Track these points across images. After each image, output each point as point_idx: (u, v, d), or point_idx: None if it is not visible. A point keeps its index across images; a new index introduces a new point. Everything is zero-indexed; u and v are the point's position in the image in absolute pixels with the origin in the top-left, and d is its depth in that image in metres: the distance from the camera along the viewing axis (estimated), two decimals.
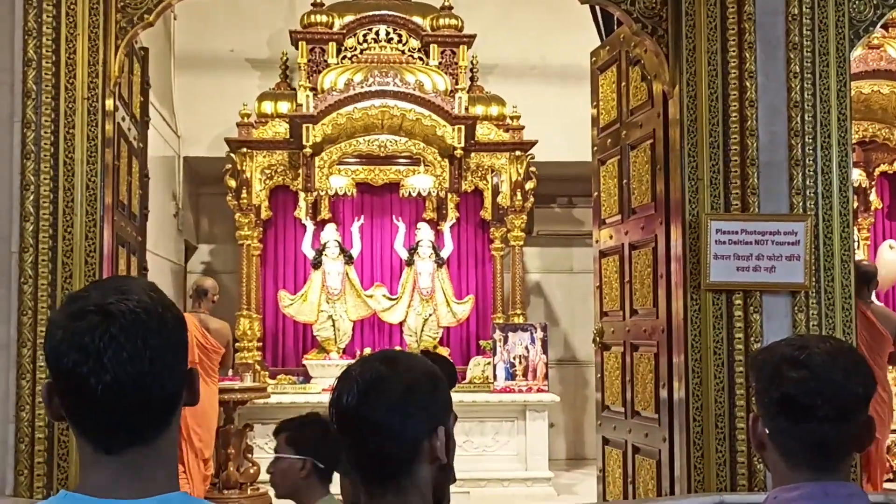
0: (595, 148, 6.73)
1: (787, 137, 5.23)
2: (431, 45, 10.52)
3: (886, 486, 7.50)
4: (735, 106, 5.21)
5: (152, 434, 1.42)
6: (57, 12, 5.02)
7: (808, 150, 5.23)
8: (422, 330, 10.39)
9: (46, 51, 5.01)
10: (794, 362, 1.85)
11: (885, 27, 9.22)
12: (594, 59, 6.76)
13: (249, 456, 8.62)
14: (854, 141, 6.32)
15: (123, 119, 5.74)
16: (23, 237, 4.96)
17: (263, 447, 9.22)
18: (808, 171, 5.23)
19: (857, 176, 10.28)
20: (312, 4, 10.50)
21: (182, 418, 1.55)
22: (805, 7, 5.27)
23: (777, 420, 1.87)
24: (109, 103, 5.20)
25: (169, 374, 1.42)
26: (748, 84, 5.21)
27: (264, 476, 8.62)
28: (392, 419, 1.69)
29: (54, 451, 4.91)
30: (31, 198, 4.96)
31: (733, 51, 5.23)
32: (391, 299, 10.60)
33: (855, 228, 7.25)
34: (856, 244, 7.83)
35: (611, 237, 6.46)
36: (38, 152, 4.97)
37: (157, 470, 1.42)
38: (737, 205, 5.19)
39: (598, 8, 6.50)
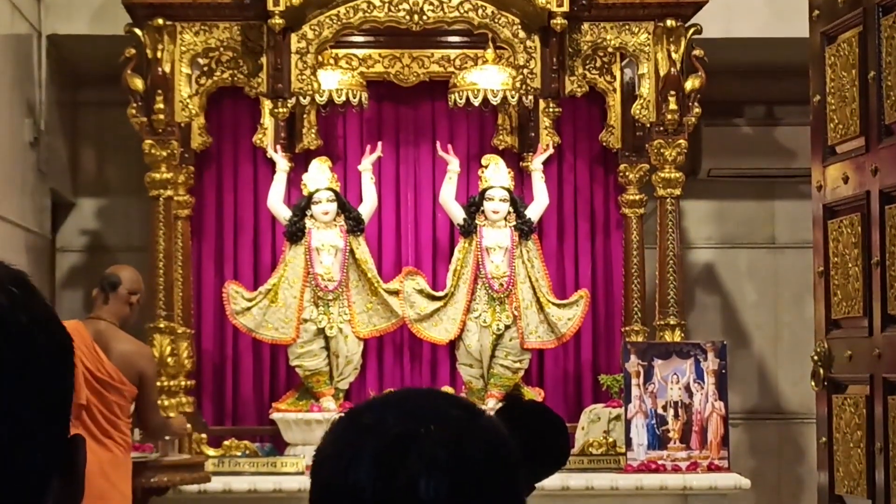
0: (815, 14, 6.67)
1: None
2: None
3: None
4: None
5: None
6: None
7: None
8: (491, 356, 10.39)
9: None
10: None
11: None
12: None
13: None
14: None
15: None
16: None
17: None
18: None
19: None
20: None
21: None
22: None
23: None
24: None
25: (28, 438, 1.43)
26: None
27: None
28: None
29: None
30: None
31: None
32: (434, 298, 10.63)
33: None
34: None
35: (845, 179, 6.41)
36: None
37: None
38: None
39: None
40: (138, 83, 10.14)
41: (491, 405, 9.37)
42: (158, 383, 9.97)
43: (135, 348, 8.23)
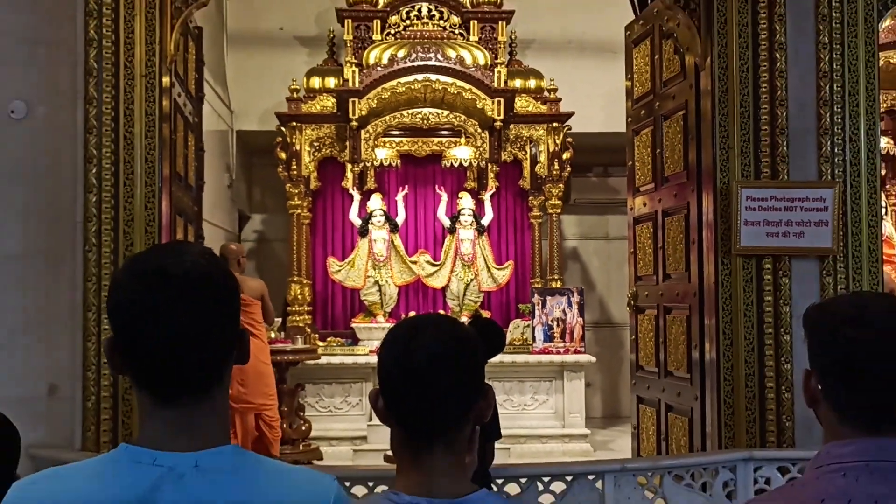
0: (629, 119, 6.68)
1: (815, 106, 5.18)
2: (472, 21, 10.48)
3: None
4: (765, 77, 5.16)
5: (205, 386, 1.44)
6: None
7: (837, 118, 5.17)
8: (464, 294, 10.41)
9: (106, 31, 5.04)
10: (855, 321, 1.77)
11: None
12: (628, 32, 6.70)
13: (301, 414, 8.69)
14: (882, 110, 6.24)
15: (179, 95, 5.77)
16: (86, 208, 5.02)
17: (314, 405, 9.32)
18: (837, 139, 5.17)
19: (885, 144, 10.11)
20: None
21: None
22: None
23: (833, 378, 1.81)
24: (166, 80, 5.23)
25: (219, 331, 1.44)
26: (778, 55, 5.15)
27: (316, 432, 8.79)
28: (460, 385, 1.68)
29: (118, 408, 4.99)
30: (94, 170, 5.02)
31: (763, 23, 5.17)
32: (434, 265, 10.61)
33: (882, 195, 7.17)
34: (883, 210, 7.73)
35: (644, 205, 6.42)
36: (100, 127, 5.02)
37: (210, 422, 1.44)
38: (766, 172, 5.15)
39: None
40: (283, 154, 10.14)
41: (464, 320, 9.37)
42: (293, 308, 10.02)
43: (255, 284, 8.12)
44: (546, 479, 4.51)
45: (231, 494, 1.39)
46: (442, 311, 9.96)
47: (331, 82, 10.26)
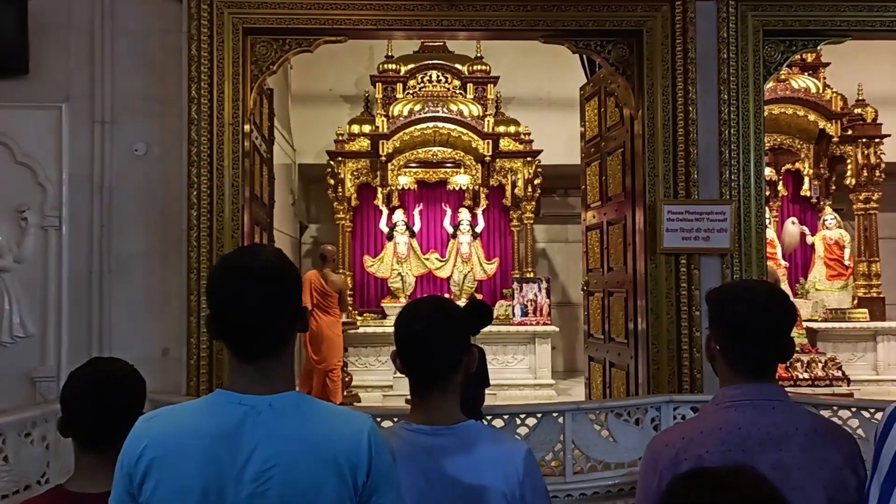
0: (583, 154, 6.67)
1: (717, 145, 5.17)
2: (468, 84, 10.47)
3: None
4: (681, 124, 5.15)
5: (275, 350, 1.45)
6: (211, 65, 5.06)
7: (733, 154, 5.16)
8: (463, 282, 10.40)
9: (204, 91, 5.05)
10: (741, 299, 1.82)
11: (789, 66, 9.06)
12: (582, 92, 6.69)
13: (345, 369, 8.69)
14: (766, 147, 6.22)
15: (256, 138, 5.78)
16: (189, 220, 5.03)
17: (354, 363, 9.31)
18: (733, 169, 5.16)
19: (769, 172, 10.16)
20: (386, 57, 10.49)
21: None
22: (731, 53, 5.19)
23: (726, 340, 1.84)
24: (246, 127, 5.24)
25: (285, 309, 1.45)
26: (690, 108, 5.14)
27: (356, 382, 8.79)
28: (450, 344, 1.69)
29: (212, 365, 5.00)
30: (195, 193, 5.03)
31: (680, 85, 5.16)
32: (441, 261, 10.60)
33: (766, 210, 7.15)
34: (767, 221, 7.71)
35: (594, 217, 6.41)
36: (199, 162, 5.03)
37: (279, 374, 1.45)
38: (682, 193, 5.14)
39: (584, 56, 6.42)
40: (332, 181, 10.15)
41: (463, 301, 9.37)
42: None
43: (337, 279, 8.12)
44: (522, 416, 4.51)
45: (294, 426, 1.40)
46: (441, 295, 9.96)
47: (366, 128, 10.25)
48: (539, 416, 4.49)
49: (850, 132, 9.82)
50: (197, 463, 1.34)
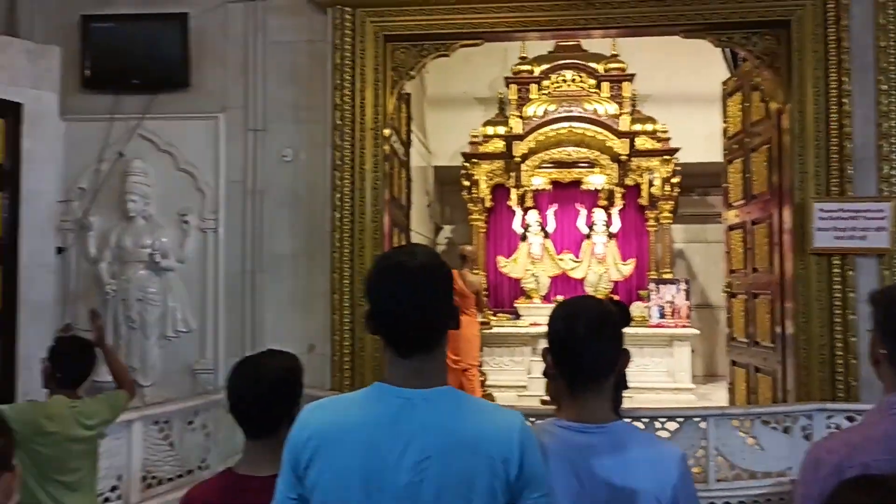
0: (725, 151, 6.44)
1: (875, 139, 4.86)
2: (603, 82, 10.30)
3: None
4: (834, 117, 4.88)
5: (429, 346, 1.50)
6: (353, 73, 5.25)
7: (893, 147, 4.84)
8: (597, 283, 10.25)
9: (346, 99, 5.24)
10: None
11: None
12: (724, 87, 6.46)
13: (480, 369, 8.73)
14: None
15: (395, 142, 5.93)
16: (332, 222, 5.23)
17: (488, 362, 9.38)
18: (893, 164, 4.83)
19: None
20: (520, 58, 10.50)
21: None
22: (891, 39, 4.86)
23: (893, 343, 1.74)
24: (386, 132, 5.39)
25: (439, 307, 1.50)
26: (845, 100, 4.87)
27: (489, 381, 8.84)
28: (608, 347, 1.69)
29: (355, 361, 5.17)
30: (338, 196, 5.22)
31: (833, 76, 4.89)
32: (576, 262, 10.48)
33: None
34: None
35: (737, 216, 6.18)
36: (342, 166, 5.22)
37: (433, 369, 1.50)
38: (835, 190, 4.87)
39: (727, 49, 6.19)
40: (466, 182, 10.26)
41: None
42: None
43: (474, 280, 8.14)
44: (663, 420, 4.40)
45: (448, 420, 1.44)
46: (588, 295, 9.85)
47: (500, 130, 10.30)
48: (681, 420, 4.37)
49: None
50: (358, 451, 1.41)
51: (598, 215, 10.42)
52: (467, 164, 10.31)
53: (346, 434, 1.43)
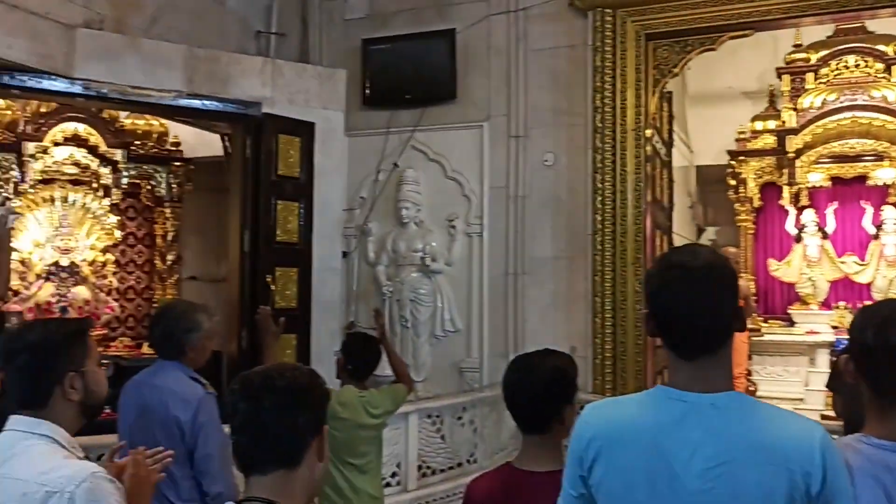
0: None
1: None
2: (893, 67, 9.23)
3: None
4: None
5: (715, 347, 1.43)
6: (613, 74, 5.23)
7: None
8: (888, 289, 9.18)
9: (607, 100, 5.23)
10: None
11: None
12: None
13: (749, 378, 8.26)
14: None
15: (657, 142, 5.79)
16: (594, 224, 5.24)
17: (758, 371, 8.83)
18: None
19: None
20: (794, 46, 9.74)
21: None
22: None
23: None
24: (648, 132, 5.29)
25: (727, 307, 1.44)
26: None
27: (760, 392, 8.32)
28: None
29: (616, 365, 5.13)
30: (599, 198, 5.22)
31: None
32: (861, 265, 9.48)
33: None
34: None
35: None
36: (603, 168, 5.22)
37: (719, 373, 1.44)
38: None
39: None
40: (732, 182, 9.75)
41: None
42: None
43: (741, 284, 7.56)
44: None
45: (739, 426, 1.38)
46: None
47: (770, 125, 9.63)
48: None
49: None
50: (641, 453, 1.39)
51: (888, 213, 9.35)
52: (733, 163, 9.78)
53: (629, 436, 1.42)
